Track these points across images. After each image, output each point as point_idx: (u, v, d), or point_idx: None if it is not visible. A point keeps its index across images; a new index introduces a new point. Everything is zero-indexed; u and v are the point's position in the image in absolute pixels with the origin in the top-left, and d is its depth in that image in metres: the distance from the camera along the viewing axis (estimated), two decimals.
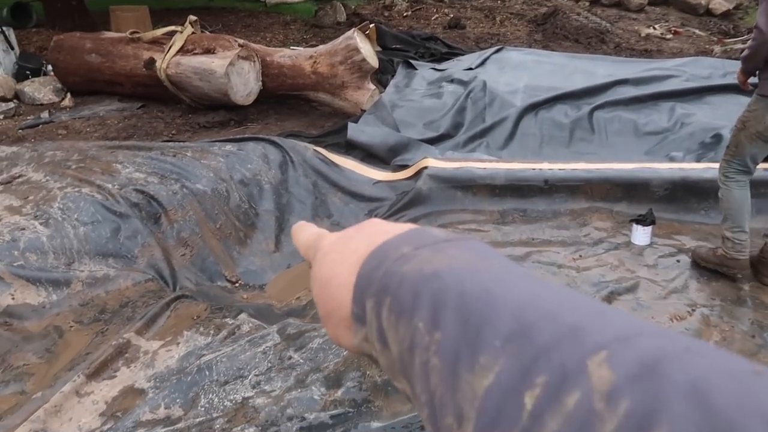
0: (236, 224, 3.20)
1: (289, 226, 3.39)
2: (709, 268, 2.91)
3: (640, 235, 3.14)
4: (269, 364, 1.85)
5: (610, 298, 2.69)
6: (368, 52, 4.47)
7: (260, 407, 1.68)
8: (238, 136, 3.88)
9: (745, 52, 2.64)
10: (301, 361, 1.86)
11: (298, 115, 4.71)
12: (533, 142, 4.27)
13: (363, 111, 4.47)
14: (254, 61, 4.51)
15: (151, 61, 4.67)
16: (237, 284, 2.97)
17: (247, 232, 3.23)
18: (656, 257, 3.05)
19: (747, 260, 2.82)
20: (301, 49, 5.22)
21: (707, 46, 7.46)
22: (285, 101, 4.86)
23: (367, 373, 1.79)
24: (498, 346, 0.24)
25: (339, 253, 0.39)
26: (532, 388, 0.22)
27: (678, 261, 3.02)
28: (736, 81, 4.20)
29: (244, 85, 4.47)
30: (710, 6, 9.75)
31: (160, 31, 4.99)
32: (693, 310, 2.62)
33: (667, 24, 8.66)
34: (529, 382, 0.23)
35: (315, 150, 3.80)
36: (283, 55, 4.68)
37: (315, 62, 4.49)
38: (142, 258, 2.75)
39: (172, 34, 4.86)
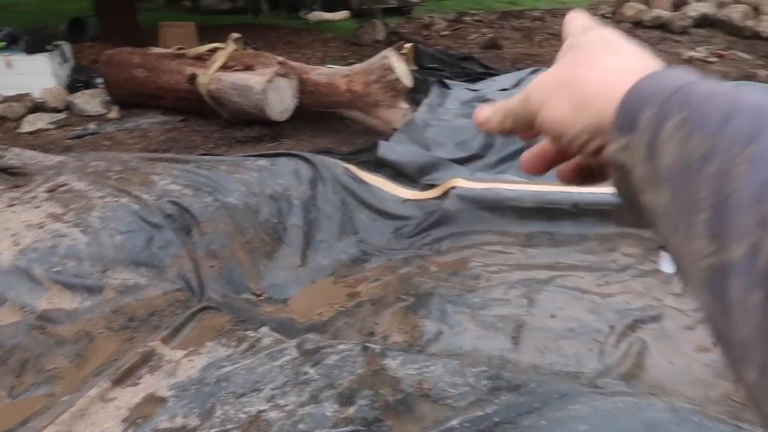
0: (264, 238, 3.28)
1: (315, 242, 3.45)
2: None
3: (669, 262, 3.08)
4: (285, 379, 1.90)
5: (633, 327, 2.64)
6: (402, 71, 4.54)
7: (273, 421, 1.72)
8: (271, 152, 3.99)
9: None
10: (317, 376, 1.90)
11: (331, 132, 4.80)
12: None
13: (395, 129, 4.53)
14: (292, 79, 4.63)
15: (193, 77, 4.85)
16: (261, 297, 3.04)
17: (274, 246, 3.31)
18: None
19: None
20: (338, 67, 5.33)
21: (752, 70, 7.28)
22: (319, 118, 4.96)
23: (380, 391, 1.82)
24: None
25: (608, 55, 0.38)
26: None
27: None
28: None
29: (281, 101, 4.59)
30: (758, 29, 9.50)
31: (203, 48, 5.18)
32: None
33: (711, 47, 8.48)
34: None
35: (345, 167, 3.87)
36: (320, 73, 4.79)
37: (350, 80, 4.58)
38: (172, 268, 2.85)
39: (215, 50, 5.04)
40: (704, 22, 9.80)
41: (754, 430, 1.65)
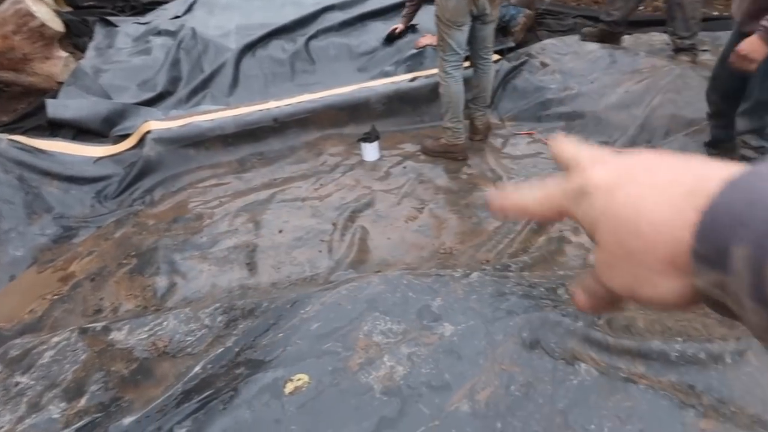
0: None
1: (0, 233, 2.92)
2: (436, 156, 3.35)
3: (369, 151, 3.36)
4: None
5: (352, 218, 2.86)
6: (47, 14, 3.88)
7: None
8: None
9: None
10: (32, 382, 1.66)
11: None
12: (258, 83, 4.22)
13: (60, 83, 3.94)
14: None
15: None
16: None
17: None
18: (386, 168, 3.31)
19: (464, 144, 3.31)
20: None
21: None
22: None
23: (112, 369, 1.67)
24: None
25: (645, 186, 0.32)
26: None
27: (405, 167, 3.31)
28: None
29: None
30: None
31: None
32: (422, 209, 2.93)
33: None
34: None
35: (10, 139, 3.27)
36: None
37: None
38: None
39: None
40: None
41: (453, 273, 1.93)
